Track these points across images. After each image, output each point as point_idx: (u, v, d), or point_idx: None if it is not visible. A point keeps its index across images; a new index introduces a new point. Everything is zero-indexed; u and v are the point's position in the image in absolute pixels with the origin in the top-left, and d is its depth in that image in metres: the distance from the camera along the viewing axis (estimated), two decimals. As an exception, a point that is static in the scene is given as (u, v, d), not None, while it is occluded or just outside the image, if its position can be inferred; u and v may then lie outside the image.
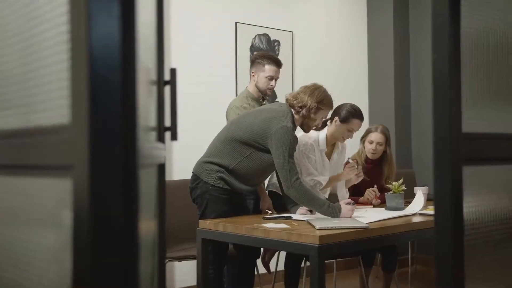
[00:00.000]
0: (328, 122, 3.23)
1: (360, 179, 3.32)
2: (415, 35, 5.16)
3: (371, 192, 3.42)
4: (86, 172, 0.79)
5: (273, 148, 2.71)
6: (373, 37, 5.19)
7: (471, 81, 1.23)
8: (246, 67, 4.31)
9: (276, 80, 3.33)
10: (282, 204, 3.07)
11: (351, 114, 3.15)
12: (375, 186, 3.46)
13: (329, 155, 3.31)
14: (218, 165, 2.79)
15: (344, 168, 3.36)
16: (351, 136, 3.23)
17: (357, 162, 3.27)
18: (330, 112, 3.01)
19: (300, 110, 2.84)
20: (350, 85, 5.09)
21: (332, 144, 3.31)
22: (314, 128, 2.98)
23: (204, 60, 4.13)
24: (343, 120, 3.16)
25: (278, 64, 3.31)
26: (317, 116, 2.89)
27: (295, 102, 2.85)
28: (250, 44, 4.36)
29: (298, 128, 2.95)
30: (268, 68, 3.28)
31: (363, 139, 3.69)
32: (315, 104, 2.85)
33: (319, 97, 2.86)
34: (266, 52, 3.48)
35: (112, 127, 0.81)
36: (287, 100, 2.92)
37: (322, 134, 3.22)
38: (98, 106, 0.81)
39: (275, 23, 4.53)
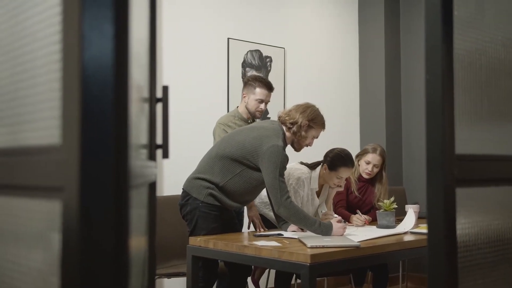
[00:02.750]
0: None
1: (340, 189, 3.27)
2: (406, 53, 5.20)
3: (358, 221, 3.31)
4: (76, 194, 0.77)
5: (264, 167, 2.70)
6: (365, 54, 5.23)
7: (464, 102, 1.23)
8: (238, 83, 4.31)
9: (266, 103, 3.36)
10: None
11: (339, 162, 3.09)
12: (358, 211, 3.39)
13: (318, 194, 3.28)
14: (208, 182, 2.77)
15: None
16: (341, 183, 3.16)
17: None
18: (322, 132, 2.99)
19: (291, 127, 2.84)
20: (341, 102, 5.10)
21: (322, 184, 3.26)
22: (306, 145, 2.96)
23: (196, 76, 4.12)
24: (331, 168, 3.11)
25: (269, 88, 3.34)
26: (308, 134, 2.88)
27: (286, 118, 2.85)
28: (242, 60, 4.37)
29: (291, 162, 2.92)
30: (259, 92, 3.31)
31: (358, 157, 3.66)
32: (307, 122, 2.84)
33: (311, 115, 2.86)
34: (258, 75, 3.52)
35: (104, 148, 0.79)
36: (279, 117, 2.92)
37: (315, 172, 3.18)
38: (90, 126, 0.80)
39: (267, 39, 4.54)
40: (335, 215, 3.17)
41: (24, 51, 0.96)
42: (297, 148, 2.95)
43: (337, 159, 3.10)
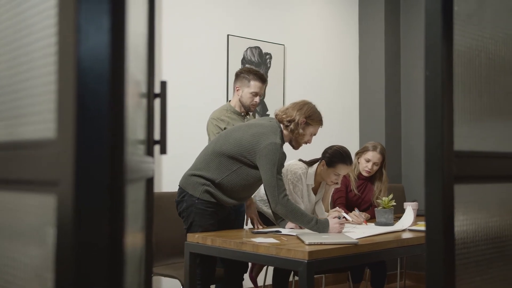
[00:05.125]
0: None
1: (337, 186, 3.25)
2: (406, 50, 5.19)
3: (354, 217, 3.24)
4: (71, 188, 0.77)
5: (261, 164, 2.69)
6: (365, 52, 5.22)
7: (463, 99, 1.23)
8: (237, 79, 4.30)
9: (260, 96, 3.31)
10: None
11: (338, 159, 3.08)
12: (355, 209, 3.37)
13: (315, 191, 3.27)
14: (204, 178, 2.77)
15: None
16: (338, 180, 3.14)
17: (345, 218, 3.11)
18: (321, 130, 2.98)
19: (289, 124, 2.83)
20: (341, 99, 5.10)
21: (319, 182, 3.25)
22: (305, 144, 2.95)
23: (195, 73, 4.11)
24: (329, 164, 3.09)
25: (263, 80, 3.28)
26: (306, 131, 2.87)
27: (283, 116, 2.84)
28: (242, 57, 4.36)
29: (288, 157, 2.91)
30: (254, 84, 3.25)
31: (358, 154, 3.65)
32: (304, 119, 2.84)
33: (308, 112, 2.85)
34: (251, 67, 3.45)
35: (99, 142, 0.79)
36: (276, 115, 2.90)
37: (312, 169, 3.16)
38: (85, 120, 0.79)
39: (267, 36, 4.53)
40: (338, 209, 3.15)
41: (20, 44, 0.95)
42: (295, 146, 2.94)
43: (336, 156, 3.09)
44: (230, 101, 3.41)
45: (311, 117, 2.86)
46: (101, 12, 0.82)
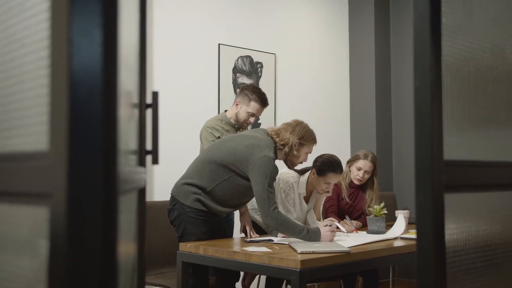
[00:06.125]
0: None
1: (328, 194, 3.26)
2: (396, 58, 5.24)
3: (345, 225, 3.26)
4: (64, 200, 0.77)
5: (253, 176, 2.69)
6: (355, 59, 5.25)
7: (452, 109, 1.24)
8: (229, 89, 4.32)
9: (256, 117, 3.30)
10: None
11: (328, 167, 3.08)
12: (346, 217, 3.39)
13: (307, 199, 3.27)
14: (195, 187, 2.77)
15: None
16: (329, 189, 3.15)
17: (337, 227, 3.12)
18: (315, 147, 2.99)
19: (283, 148, 2.84)
20: (332, 108, 5.12)
21: (311, 190, 3.26)
22: (300, 163, 2.96)
23: (186, 82, 4.12)
24: (319, 173, 3.10)
25: (264, 104, 3.26)
26: (301, 152, 2.88)
27: (277, 140, 2.84)
28: (233, 66, 4.38)
29: (280, 166, 2.91)
30: (253, 105, 3.23)
31: (350, 163, 3.66)
32: (298, 141, 2.85)
33: (301, 133, 2.86)
34: (257, 87, 3.41)
35: (92, 154, 0.79)
36: (267, 133, 2.90)
37: (303, 177, 3.17)
38: (78, 132, 0.79)
39: (258, 45, 4.55)
40: (332, 219, 3.17)
41: (12, 57, 0.95)
42: (290, 166, 2.95)
43: (326, 165, 3.10)
44: (226, 111, 3.41)
45: (304, 137, 2.87)
46: (94, 25, 0.82)
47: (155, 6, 3.95)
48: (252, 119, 3.27)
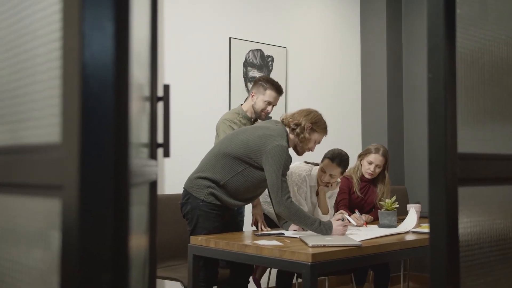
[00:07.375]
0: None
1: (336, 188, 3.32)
2: (408, 52, 5.19)
3: (355, 219, 3.24)
4: (76, 193, 0.77)
5: (267, 166, 2.70)
6: (367, 54, 5.22)
7: (466, 101, 1.23)
8: (240, 82, 4.31)
9: (273, 106, 3.33)
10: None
11: (326, 155, 3.22)
12: (356, 211, 3.38)
13: (317, 192, 3.31)
14: (209, 180, 2.77)
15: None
16: (331, 181, 3.24)
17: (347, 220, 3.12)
18: (324, 138, 3.01)
19: (295, 128, 2.85)
20: (343, 101, 5.10)
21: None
22: (308, 150, 2.97)
23: (197, 75, 4.12)
24: (322, 160, 3.21)
25: (279, 91, 3.32)
26: (311, 136, 2.89)
27: (290, 120, 2.87)
28: (243, 59, 4.36)
29: (293, 160, 2.94)
30: (269, 93, 3.28)
31: (361, 156, 3.65)
32: (310, 124, 2.86)
33: (314, 118, 2.90)
34: (270, 77, 3.49)
35: (104, 147, 0.79)
36: (282, 120, 2.92)
37: (315, 170, 3.23)
38: (90, 125, 0.79)
39: (269, 39, 4.54)
40: (342, 212, 3.20)
41: (24, 49, 0.95)
42: (300, 152, 2.95)
43: (327, 153, 3.22)
44: (242, 104, 3.42)
45: (317, 123, 2.90)
46: (105, 18, 0.82)
47: (166, 1, 3.94)
48: (269, 108, 3.30)
